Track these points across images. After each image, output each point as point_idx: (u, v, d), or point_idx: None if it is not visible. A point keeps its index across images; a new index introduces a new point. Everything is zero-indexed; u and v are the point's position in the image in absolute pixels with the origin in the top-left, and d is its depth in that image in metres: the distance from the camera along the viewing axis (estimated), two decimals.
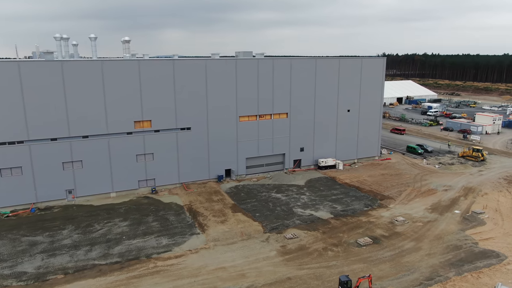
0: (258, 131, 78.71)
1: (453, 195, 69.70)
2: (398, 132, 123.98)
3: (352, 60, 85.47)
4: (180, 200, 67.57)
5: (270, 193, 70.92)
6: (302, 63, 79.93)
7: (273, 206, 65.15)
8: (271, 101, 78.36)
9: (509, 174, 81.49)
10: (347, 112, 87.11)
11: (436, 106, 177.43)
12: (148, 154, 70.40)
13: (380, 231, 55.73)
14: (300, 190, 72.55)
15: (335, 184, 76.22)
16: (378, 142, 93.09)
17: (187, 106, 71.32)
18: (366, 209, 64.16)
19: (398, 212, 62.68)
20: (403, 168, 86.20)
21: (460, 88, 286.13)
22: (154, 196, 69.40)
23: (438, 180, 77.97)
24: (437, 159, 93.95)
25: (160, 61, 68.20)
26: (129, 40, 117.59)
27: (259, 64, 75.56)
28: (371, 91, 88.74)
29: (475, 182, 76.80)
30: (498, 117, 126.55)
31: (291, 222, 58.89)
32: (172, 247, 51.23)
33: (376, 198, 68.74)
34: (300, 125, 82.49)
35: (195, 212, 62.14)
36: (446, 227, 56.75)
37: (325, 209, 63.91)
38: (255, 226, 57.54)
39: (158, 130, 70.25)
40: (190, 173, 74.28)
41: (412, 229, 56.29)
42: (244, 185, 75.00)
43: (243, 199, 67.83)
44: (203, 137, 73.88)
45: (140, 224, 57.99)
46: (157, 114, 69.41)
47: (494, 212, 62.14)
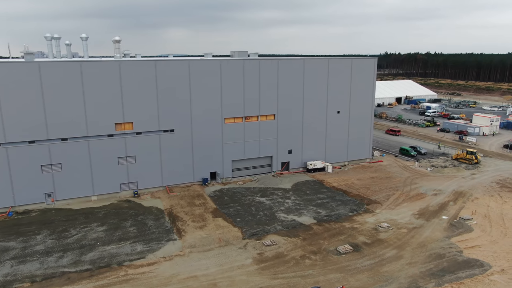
0: (244, 133, 77.10)
1: (442, 200, 67.76)
2: (393, 133, 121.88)
3: (342, 61, 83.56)
4: (161, 204, 66.15)
5: (254, 197, 69.32)
6: (289, 63, 78.18)
7: (256, 210, 63.56)
8: (257, 103, 76.70)
9: (502, 178, 79.35)
10: (337, 114, 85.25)
11: (435, 106, 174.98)
12: (130, 157, 69.01)
13: (362, 238, 53.98)
14: (286, 194, 70.89)
15: (322, 187, 74.48)
16: (369, 144, 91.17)
17: (170, 107, 69.82)
18: (351, 214, 62.39)
19: (384, 217, 60.87)
20: (394, 171, 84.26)
21: (461, 88, 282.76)
22: (136, 200, 68.05)
23: (429, 183, 76.00)
24: (430, 161, 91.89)
25: (141, 62, 66.73)
26: (120, 40, 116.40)
27: (245, 65, 73.91)
28: (362, 92, 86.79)
29: (467, 186, 74.76)
30: (496, 118, 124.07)
31: (272, 227, 57.28)
32: (146, 254, 49.80)
33: (362, 202, 66.95)
34: (288, 127, 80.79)
35: (175, 217, 60.69)
36: (431, 234, 54.89)
37: (308, 214, 62.23)
38: (234, 232, 55.99)
39: (140, 132, 68.84)
40: (174, 176, 72.84)
41: (395, 236, 54.49)
42: (229, 189, 73.45)
43: (226, 203, 66.30)
44: (187, 139, 72.39)
45: (117, 229, 56.63)
46: (139, 116, 67.98)
47: (483, 218, 60.16)
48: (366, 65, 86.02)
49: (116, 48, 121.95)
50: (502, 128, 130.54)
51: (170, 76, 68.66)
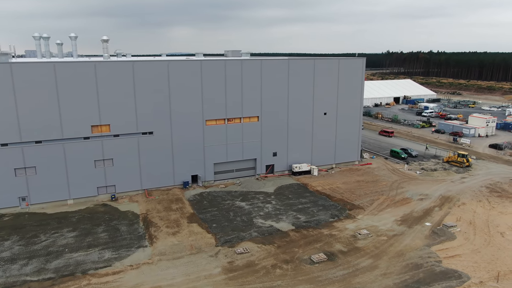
0: (227, 136, 75.30)
1: (428, 205, 65.62)
2: (386, 135, 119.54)
3: (328, 61, 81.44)
4: (138, 208, 64.56)
5: (234, 201, 67.56)
6: (273, 64, 76.21)
7: (234, 215, 61.79)
8: (240, 104, 74.85)
9: (493, 182, 76.98)
10: (324, 115, 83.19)
11: (432, 106, 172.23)
12: (107, 160, 67.47)
13: (339, 245, 52.06)
14: (267, 198, 69.06)
15: (305, 191, 72.55)
16: (358, 146, 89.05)
17: (148, 109, 68.16)
18: (332, 220, 60.45)
19: (365, 224, 58.87)
20: (381, 174, 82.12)
21: (462, 87, 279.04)
22: (113, 204, 66.50)
23: (416, 188, 73.83)
24: (420, 164, 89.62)
25: (118, 62, 65.11)
26: (108, 40, 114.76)
27: (227, 66, 72.05)
28: (350, 92, 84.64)
29: (455, 190, 72.52)
30: (492, 119, 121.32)
31: (247, 234, 55.49)
32: (113, 262, 48.21)
33: (345, 207, 64.98)
34: (272, 129, 78.88)
35: (149, 222, 59.08)
36: (411, 242, 52.85)
37: (287, 219, 60.37)
38: (207, 238, 54.27)
39: (118, 134, 67.24)
40: (154, 179, 71.23)
41: (374, 244, 52.50)
42: (209, 192, 71.74)
43: (204, 208, 64.60)
44: (167, 142, 70.72)
45: (88, 235, 55.10)
46: (116, 118, 66.39)
47: (467, 225, 58.01)
48: (354, 65, 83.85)
49: (104, 47, 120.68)
50: (499, 129, 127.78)
51: (148, 76, 66.96)
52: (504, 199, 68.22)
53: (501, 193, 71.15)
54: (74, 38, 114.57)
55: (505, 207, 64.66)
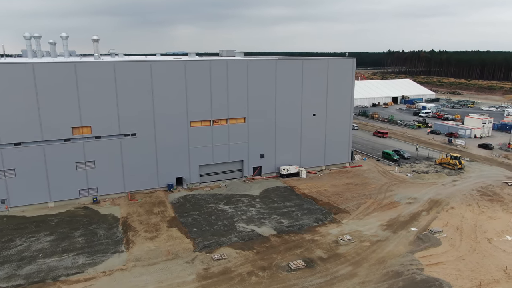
0: (212, 137, 73.98)
1: (416, 209, 64.07)
2: (380, 136, 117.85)
3: (317, 61, 79.93)
4: (119, 211, 63.40)
5: (218, 205, 66.27)
6: (260, 64, 74.79)
7: (216, 219, 60.50)
8: (226, 105, 73.48)
9: (485, 185, 75.28)
10: (313, 116, 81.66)
11: (430, 106, 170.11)
12: (89, 162, 66.32)
13: (319, 252, 50.67)
14: (252, 201, 67.71)
15: (292, 194, 71.15)
16: (348, 148, 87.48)
17: (131, 111, 66.93)
18: (316, 224, 59.06)
19: (349, 229, 57.43)
20: (371, 177, 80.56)
21: (463, 87, 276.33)
22: (94, 207, 65.37)
23: (405, 191, 72.26)
24: (412, 166, 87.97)
25: (99, 63, 63.89)
26: (98, 39, 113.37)
27: (211, 66, 70.70)
28: (340, 93, 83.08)
29: (445, 194, 70.89)
30: (488, 120, 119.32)
31: (227, 239, 54.19)
32: (86, 268, 47.05)
33: (330, 211, 63.54)
34: (259, 131, 77.48)
35: (128, 226, 57.90)
36: (394, 249, 51.37)
37: (270, 224, 59.01)
38: (186, 243, 53.01)
39: (100, 136, 66.08)
40: (137, 182, 70.04)
41: (355, 250, 51.07)
42: (194, 195, 70.46)
43: (186, 211, 63.34)
44: (150, 143, 69.49)
45: (64, 240, 53.97)
46: (97, 119, 65.20)
47: (454, 231, 56.45)
48: (344, 66, 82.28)
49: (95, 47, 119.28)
50: (496, 130, 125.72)
51: (130, 77, 65.74)
52: (494, 203, 66.57)
53: (492, 197, 69.48)
54: (65, 37, 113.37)
55: (494, 212, 63.03)
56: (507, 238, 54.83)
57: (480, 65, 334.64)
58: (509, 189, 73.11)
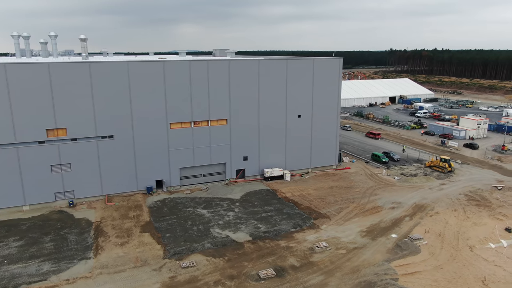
0: (193, 139, 72.37)
1: (399, 215, 62.12)
2: (372, 137, 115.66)
3: (302, 61, 78.03)
4: (93, 215, 61.98)
5: (196, 209, 64.68)
6: (242, 64, 73.04)
7: (191, 224, 58.93)
8: (207, 107, 71.83)
9: (473, 189, 73.08)
10: (298, 118, 79.80)
11: (428, 106, 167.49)
12: (65, 165, 64.95)
13: (292, 259, 48.93)
14: (231, 205, 66.06)
15: (273, 198, 69.40)
16: (335, 150, 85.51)
17: (108, 112, 65.45)
18: (294, 230, 57.31)
19: (327, 235, 55.62)
20: (357, 180, 78.60)
21: (464, 86, 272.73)
22: (69, 210, 64.00)
23: (390, 195, 70.29)
24: (401, 169, 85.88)
25: (73, 63, 62.44)
26: (85, 39, 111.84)
27: (192, 66, 69.04)
28: (327, 94, 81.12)
29: (431, 198, 68.83)
30: (484, 121, 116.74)
31: (200, 245, 52.58)
32: (50, 275, 45.63)
33: (310, 216, 61.73)
34: (242, 132, 75.75)
35: (100, 231, 56.45)
36: (371, 257, 49.52)
37: (246, 229, 57.33)
38: (156, 250, 51.47)
39: (75, 138, 64.70)
40: (115, 185, 68.62)
41: (330, 258, 49.28)
42: (173, 198, 68.93)
43: (162, 216, 61.82)
44: (128, 146, 68.00)
45: (33, 245, 52.60)
46: (73, 121, 63.77)
47: (435, 238, 54.47)
48: (330, 66, 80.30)
49: (82, 47, 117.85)
50: (493, 131, 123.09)
51: (106, 78, 64.24)
52: (481, 209, 64.45)
53: (479, 202, 67.33)
54: (54, 37, 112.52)
55: (480, 218, 60.94)
56: (490, 245, 52.81)
57: (482, 64, 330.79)
58: (499, 193, 70.92)
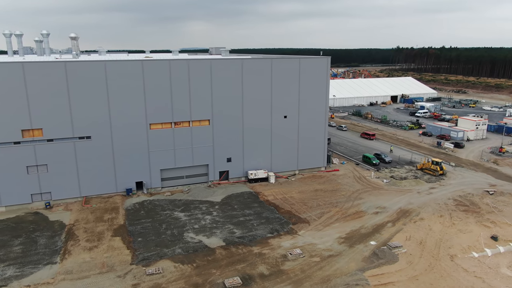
0: (174, 140, 70.86)
1: (381, 220, 59.90)
2: (367, 137, 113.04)
3: (287, 60, 75.93)
4: (68, 218, 60.87)
5: (173, 212, 63.22)
6: (224, 64, 71.25)
7: (166, 228, 57.46)
8: (188, 107, 70.22)
9: (463, 194, 70.39)
10: (284, 118, 77.77)
11: (429, 106, 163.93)
12: (41, 166, 63.96)
13: (263, 267, 47.14)
14: (210, 209, 64.46)
15: (255, 201, 67.61)
16: (323, 152, 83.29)
17: (85, 112, 64.21)
18: (270, 235, 55.49)
19: (303, 241, 53.69)
20: (344, 183, 76.39)
21: (470, 85, 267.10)
22: (45, 212, 63.01)
23: (375, 199, 68.01)
24: (391, 171, 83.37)
25: (49, 63, 61.26)
26: (76, 37, 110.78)
27: (171, 66, 67.47)
28: (314, 94, 78.93)
29: (417, 203, 66.39)
30: (483, 122, 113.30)
31: (170, 251, 51.07)
32: (11, 281, 44.54)
33: (289, 221, 59.83)
34: (226, 134, 74.02)
35: (71, 235, 55.27)
36: (344, 266, 47.52)
37: (221, 234, 55.68)
38: (124, 255, 50.09)
39: (52, 139, 63.62)
40: (94, 186, 67.48)
41: (302, 266, 47.38)
42: (152, 201, 67.54)
43: (137, 219, 60.46)
44: (107, 146, 66.74)
45: (1, 248, 51.63)
46: (49, 121, 62.67)
47: (416, 246, 52.20)
48: (317, 65, 78.04)
49: (73, 45, 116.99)
50: (493, 132, 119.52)
51: (83, 78, 62.94)
52: (469, 214, 61.89)
53: (468, 207, 64.74)
54: (46, 35, 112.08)
55: (466, 224, 58.44)
56: (473, 255, 50.41)
57: (490, 62, 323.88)
58: (489, 198, 68.20)
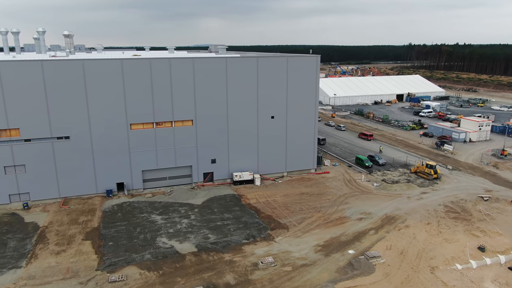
0: (156, 141, 69.31)
1: (364, 227, 57.25)
2: (365, 138, 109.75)
3: (274, 59, 73.51)
4: (43, 219, 59.94)
5: (151, 214, 61.71)
6: (208, 63, 69.24)
7: (140, 232, 55.98)
8: (170, 107, 68.52)
9: (456, 200, 67.06)
10: (271, 119, 75.45)
11: (434, 105, 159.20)
12: (19, 166, 63.16)
13: (230, 276, 45.20)
14: (189, 212, 62.74)
15: (236, 204, 65.62)
16: (313, 153, 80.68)
17: (63, 112, 63.08)
18: (246, 241, 53.47)
19: (279, 248, 51.51)
20: (333, 186, 73.75)
21: (481, 83, 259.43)
22: (22, 213, 62.21)
23: (362, 204, 65.28)
24: (384, 174, 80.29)
25: (25, 62, 60.24)
26: (69, 35, 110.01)
27: (152, 65, 65.78)
28: (303, 94, 76.33)
29: (406, 209, 63.45)
30: (486, 123, 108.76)
31: (139, 256, 49.50)
32: None
33: (268, 226, 57.68)
34: (210, 134, 72.11)
35: (43, 237, 54.25)
36: (316, 276, 45.21)
37: (195, 239, 53.89)
38: (91, 260, 48.75)
39: (29, 139, 62.73)
40: (73, 187, 66.44)
41: (271, 276, 45.25)
42: (131, 202, 66.16)
43: (113, 221, 59.12)
44: (86, 147, 65.56)
45: None
46: (26, 121, 61.73)
47: (396, 256, 49.50)
48: (307, 64, 75.36)
49: (67, 43, 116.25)
50: (498, 133, 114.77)
51: (61, 77, 61.78)
52: (458, 222, 58.75)
53: (459, 214, 61.53)
54: (42, 33, 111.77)
55: (454, 233, 55.36)
56: (456, 267, 47.51)
57: (505, 59, 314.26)
58: (483, 205, 64.78)
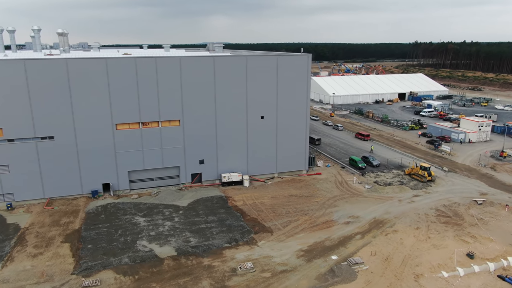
0: (142, 141, 68.24)
1: (350, 232, 55.66)
2: (361, 138, 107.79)
3: (264, 58, 71.96)
4: (25, 220, 59.23)
5: (134, 216, 60.69)
6: (195, 61, 67.93)
7: (120, 234, 54.97)
8: (157, 107, 67.37)
9: (449, 203, 65.09)
10: (261, 119, 73.98)
11: (436, 104, 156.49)
12: (3, 166, 62.50)
13: (206, 282, 43.97)
14: (173, 214, 61.61)
15: (222, 206, 64.35)
16: (305, 154, 79.05)
17: (47, 112, 62.25)
18: (227, 245, 52.22)
19: (260, 253, 50.16)
20: (323, 188, 72.13)
21: (487, 82, 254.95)
22: (4, 214, 61.50)
23: (351, 207, 63.63)
24: (377, 176, 78.45)
25: (7, 60, 59.44)
26: (63, 33, 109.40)
27: (138, 64, 64.63)
28: (294, 94, 74.72)
29: (395, 212, 61.69)
30: (487, 123, 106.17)
31: (117, 260, 48.53)
32: None
33: (252, 230, 56.35)
34: (197, 134, 70.86)
35: (22, 239, 53.48)
36: (294, 283, 43.79)
37: (175, 243, 52.73)
38: (68, 264, 47.81)
39: (13, 139, 62.01)
40: (58, 188, 65.66)
41: (248, 283, 43.93)
42: (116, 204, 65.22)
43: (95, 223, 58.21)
44: (70, 147, 64.69)
45: None
46: (9, 121, 61.00)
47: (380, 262, 47.89)
48: (298, 63, 73.71)
49: (61, 41, 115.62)
50: (499, 134, 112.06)
51: (44, 76, 60.87)
52: (449, 227, 56.88)
53: (450, 218, 59.65)
54: (37, 31, 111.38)
55: (443, 239, 53.54)
56: (442, 274, 45.79)
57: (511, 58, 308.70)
58: (476, 209, 62.78)
